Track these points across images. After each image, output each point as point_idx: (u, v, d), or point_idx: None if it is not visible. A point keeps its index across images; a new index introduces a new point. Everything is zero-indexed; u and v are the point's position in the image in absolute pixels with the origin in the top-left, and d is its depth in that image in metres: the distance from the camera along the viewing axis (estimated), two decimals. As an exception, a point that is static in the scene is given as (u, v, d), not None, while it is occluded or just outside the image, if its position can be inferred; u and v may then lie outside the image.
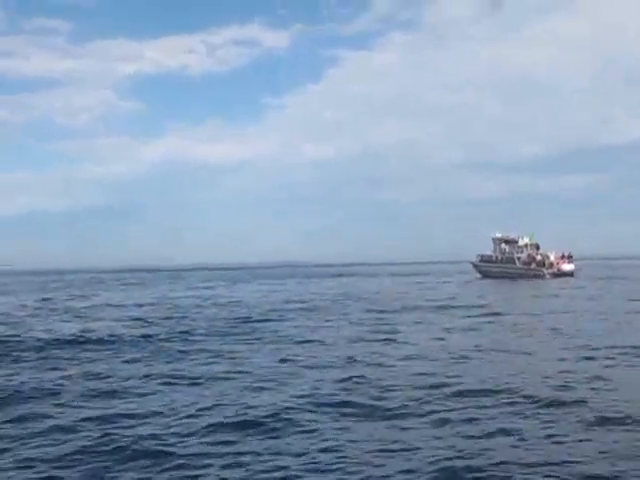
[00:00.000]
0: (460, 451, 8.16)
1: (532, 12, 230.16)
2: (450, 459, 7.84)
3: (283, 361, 15.21)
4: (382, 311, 28.62)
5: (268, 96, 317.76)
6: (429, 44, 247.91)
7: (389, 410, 10.31)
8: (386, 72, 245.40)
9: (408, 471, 7.58)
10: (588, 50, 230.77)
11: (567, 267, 63.04)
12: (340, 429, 9.36)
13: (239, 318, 25.99)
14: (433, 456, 7.98)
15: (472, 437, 8.80)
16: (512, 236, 66.29)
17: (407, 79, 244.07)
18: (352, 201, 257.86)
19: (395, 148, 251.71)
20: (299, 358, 15.57)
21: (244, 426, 9.46)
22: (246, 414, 10.07)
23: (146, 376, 13.48)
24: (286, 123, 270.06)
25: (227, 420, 9.79)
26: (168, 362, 15.44)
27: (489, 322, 23.67)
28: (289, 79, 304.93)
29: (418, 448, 8.34)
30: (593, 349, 16.01)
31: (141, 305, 35.32)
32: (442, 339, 18.95)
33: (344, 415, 10.11)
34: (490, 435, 8.84)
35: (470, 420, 9.61)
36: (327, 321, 24.79)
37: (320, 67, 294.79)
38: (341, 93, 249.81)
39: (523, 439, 8.65)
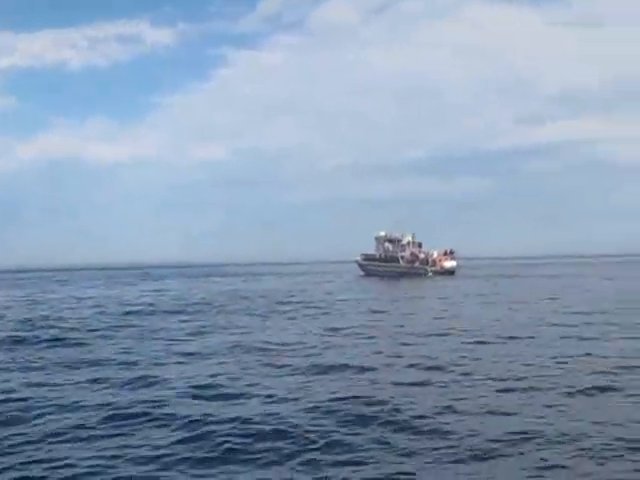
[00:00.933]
0: None
1: (420, 18, 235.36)
2: None
3: None
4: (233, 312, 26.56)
5: (156, 95, 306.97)
6: (317, 47, 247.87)
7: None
8: (276, 74, 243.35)
9: None
10: (476, 57, 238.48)
11: (449, 264, 63.20)
12: None
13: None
14: None
15: None
16: (394, 235, 65.82)
17: (297, 81, 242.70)
18: (244, 202, 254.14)
19: (287, 150, 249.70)
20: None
21: None
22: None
23: None
24: (175, 123, 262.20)
25: None
26: None
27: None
28: (177, 78, 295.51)
29: None
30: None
31: None
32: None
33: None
34: None
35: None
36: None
37: (209, 66, 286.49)
38: (231, 93, 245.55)
39: None
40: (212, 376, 12.48)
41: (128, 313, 26.94)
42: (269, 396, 10.65)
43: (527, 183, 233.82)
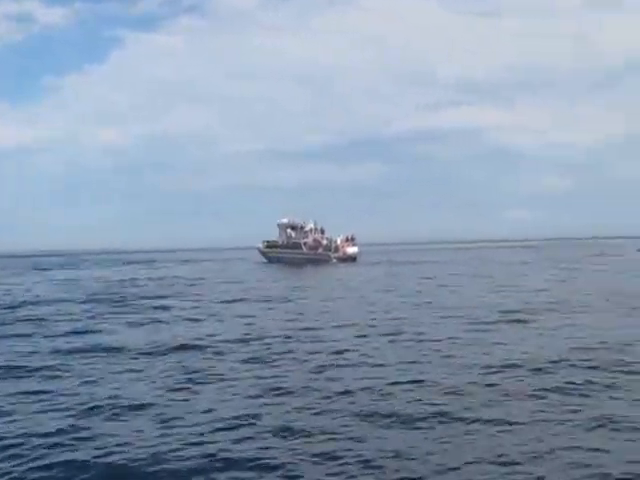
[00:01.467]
0: None
1: (324, 5, 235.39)
2: None
3: None
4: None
5: (50, 76, 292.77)
6: (219, 30, 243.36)
7: None
8: (176, 57, 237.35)
9: None
10: (377, 45, 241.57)
11: (351, 250, 63.32)
12: None
13: None
14: None
15: None
16: (298, 221, 65.22)
17: (199, 65, 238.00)
18: (146, 188, 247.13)
19: (190, 136, 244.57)
20: None
21: None
22: None
23: None
24: (73, 105, 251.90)
25: None
26: None
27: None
28: (73, 59, 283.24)
29: None
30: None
31: None
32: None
33: None
34: None
35: None
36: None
37: (106, 48, 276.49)
38: (130, 76, 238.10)
39: None
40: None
41: None
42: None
43: (427, 169, 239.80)
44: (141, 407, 9.40)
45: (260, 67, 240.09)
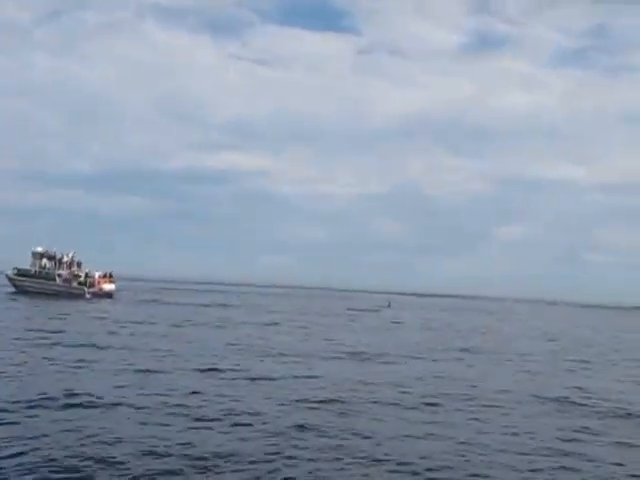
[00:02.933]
0: None
1: (98, 29, 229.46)
2: None
3: None
4: None
5: None
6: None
7: None
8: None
9: None
10: (151, 77, 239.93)
11: (108, 287, 63.06)
12: None
13: None
14: None
15: None
16: (54, 251, 63.38)
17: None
18: None
19: None
20: None
21: None
22: None
23: None
24: None
25: None
26: None
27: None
28: None
29: None
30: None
31: None
32: None
33: None
34: None
35: None
36: None
37: None
38: None
39: None
40: None
41: None
42: None
43: (195, 208, 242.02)
44: None
45: (24, 85, 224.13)
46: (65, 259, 63.07)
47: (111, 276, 64.10)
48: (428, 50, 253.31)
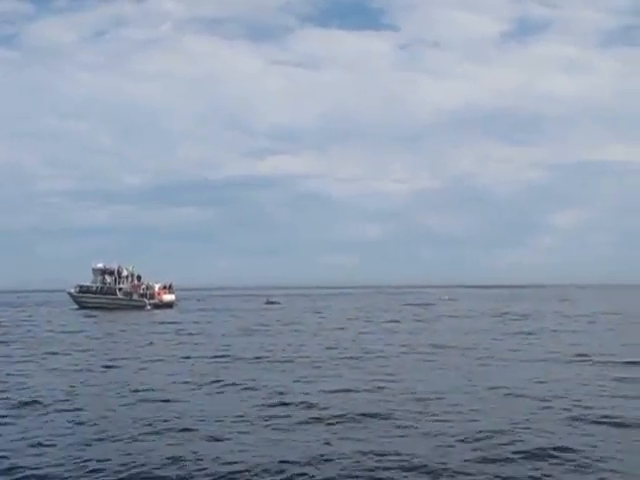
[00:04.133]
0: None
1: (142, 45, 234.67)
2: None
3: None
4: None
5: None
6: (33, 64, 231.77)
7: None
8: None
9: None
10: (196, 90, 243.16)
11: (168, 298, 64.05)
12: None
13: None
14: None
15: None
16: (114, 266, 64.78)
17: (8, 98, 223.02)
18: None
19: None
20: None
21: None
22: None
23: None
24: None
25: None
26: None
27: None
28: None
29: None
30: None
31: None
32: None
33: None
34: None
35: None
36: None
37: None
38: None
39: None
40: None
41: None
42: None
43: (249, 215, 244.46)
44: None
45: (76, 104, 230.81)
46: (125, 273, 64.45)
47: (170, 287, 65.10)
48: (470, 40, 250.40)
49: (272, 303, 76.87)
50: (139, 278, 64.66)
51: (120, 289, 63.50)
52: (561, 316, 46.86)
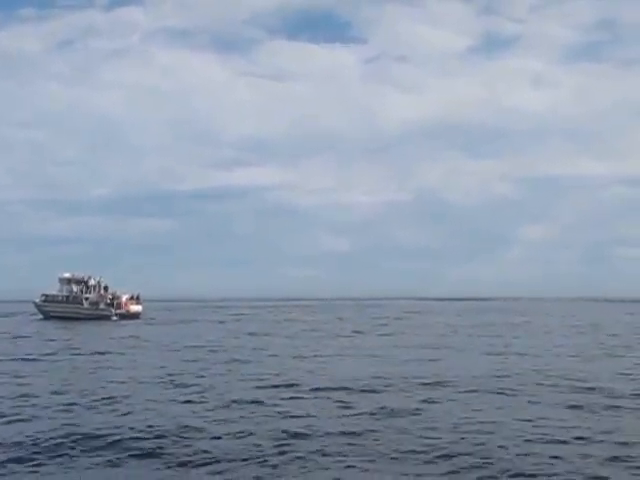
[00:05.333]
0: None
1: (108, 56, 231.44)
2: None
3: None
4: None
5: None
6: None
7: None
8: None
9: None
10: (162, 101, 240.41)
11: (134, 308, 63.56)
12: None
13: None
14: None
15: None
16: (81, 276, 64.19)
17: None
18: None
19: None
20: None
21: None
22: None
23: None
24: None
25: None
26: None
27: None
28: None
29: None
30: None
31: None
32: None
33: None
34: None
35: None
36: None
37: None
38: None
39: None
40: None
41: None
42: None
43: (216, 226, 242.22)
44: None
45: (39, 114, 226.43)
46: (92, 282, 63.86)
47: (138, 298, 64.66)
48: (436, 54, 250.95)
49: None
50: (106, 288, 64.10)
51: (87, 299, 62.80)
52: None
